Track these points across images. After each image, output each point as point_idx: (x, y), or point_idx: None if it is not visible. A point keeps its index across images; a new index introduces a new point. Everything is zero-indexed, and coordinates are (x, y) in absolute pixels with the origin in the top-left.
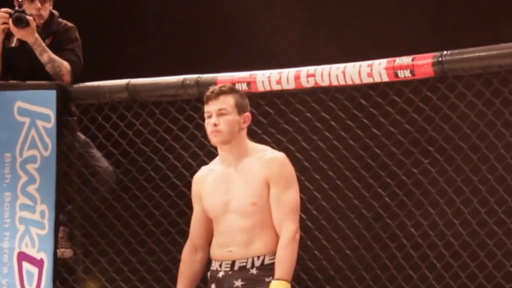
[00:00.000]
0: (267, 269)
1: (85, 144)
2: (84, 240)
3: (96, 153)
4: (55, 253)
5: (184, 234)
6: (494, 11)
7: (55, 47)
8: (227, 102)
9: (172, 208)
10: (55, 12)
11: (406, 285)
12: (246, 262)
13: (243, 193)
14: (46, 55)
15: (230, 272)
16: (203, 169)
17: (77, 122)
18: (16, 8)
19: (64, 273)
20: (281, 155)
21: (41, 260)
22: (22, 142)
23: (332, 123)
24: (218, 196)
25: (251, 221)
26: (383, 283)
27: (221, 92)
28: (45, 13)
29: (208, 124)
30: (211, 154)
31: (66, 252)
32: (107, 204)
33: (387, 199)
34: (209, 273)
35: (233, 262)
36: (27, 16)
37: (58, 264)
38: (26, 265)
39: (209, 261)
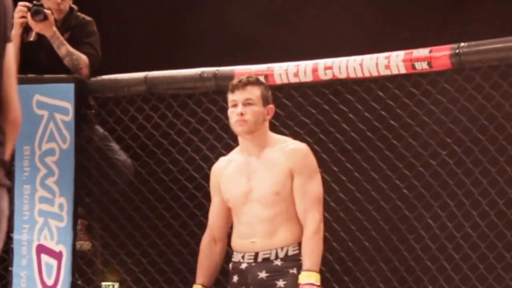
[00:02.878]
0: (291, 260)
1: (103, 137)
2: (102, 233)
3: (115, 146)
4: (73, 246)
5: (203, 227)
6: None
7: (74, 41)
8: (254, 92)
9: (190, 201)
10: (74, 6)
11: (424, 276)
12: (270, 254)
13: (266, 183)
14: (64, 49)
15: (253, 264)
16: (222, 160)
17: (95, 115)
18: (34, 1)
19: (83, 265)
20: (303, 146)
21: (60, 253)
22: (41, 135)
23: (350, 115)
24: (239, 186)
25: (274, 211)
26: (402, 274)
27: (248, 83)
28: (65, 7)
29: (233, 113)
30: (228, 146)
31: (84, 245)
32: (126, 196)
33: (405, 190)
34: (231, 265)
35: (256, 254)
36: (45, 10)
37: (77, 257)
38: (45, 258)
39: (228, 252)
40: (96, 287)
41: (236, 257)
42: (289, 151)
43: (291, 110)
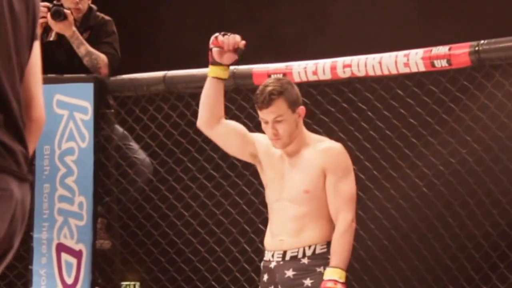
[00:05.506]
0: (319, 258)
1: (122, 136)
2: (122, 231)
3: (134, 145)
4: (93, 244)
5: (221, 226)
6: None
7: (93, 41)
8: (280, 107)
9: (208, 199)
10: (93, 6)
11: (444, 275)
12: (297, 252)
13: (297, 181)
14: (84, 48)
15: (281, 262)
16: (266, 138)
17: (114, 114)
18: (54, 1)
19: (103, 264)
20: (337, 145)
21: (80, 251)
22: (61, 134)
23: (369, 113)
24: (273, 183)
25: (303, 210)
26: (422, 274)
27: (271, 100)
28: (83, 7)
29: (266, 129)
30: None
31: (104, 243)
32: (144, 195)
33: (424, 189)
34: (262, 264)
35: (285, 252)
36: (65, 10)
37: (97, 255)
38: (65, 256)
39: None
40: (116, 286)
41: (266, 256)
42: (322, 150)
43: (310, 108)
